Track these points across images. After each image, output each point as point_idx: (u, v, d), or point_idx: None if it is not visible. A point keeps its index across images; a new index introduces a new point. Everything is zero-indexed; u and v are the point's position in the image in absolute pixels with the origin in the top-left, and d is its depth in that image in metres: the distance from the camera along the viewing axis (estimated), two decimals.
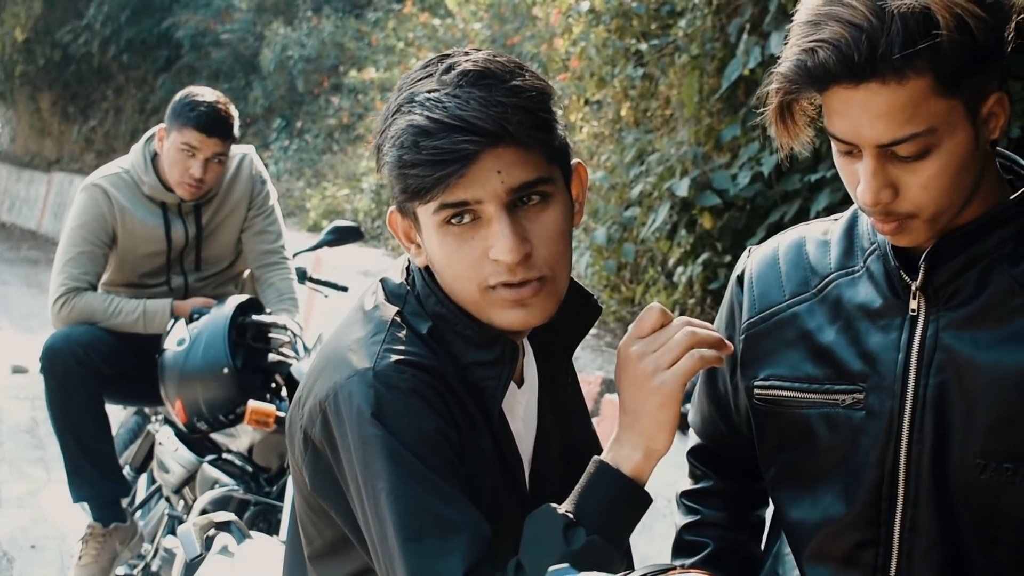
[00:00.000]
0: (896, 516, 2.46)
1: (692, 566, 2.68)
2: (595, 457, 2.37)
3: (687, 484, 2.87)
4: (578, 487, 2.34)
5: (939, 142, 2.27)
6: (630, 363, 2.32)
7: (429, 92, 2.33)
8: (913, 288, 2.44)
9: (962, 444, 2.41)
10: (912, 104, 2.23)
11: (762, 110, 2.43)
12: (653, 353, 2.30)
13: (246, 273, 6.44)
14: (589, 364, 8.72)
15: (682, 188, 8.65)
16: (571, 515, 2.30)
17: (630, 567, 2.42)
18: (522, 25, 14.59)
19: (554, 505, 2.32)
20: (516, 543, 2.32)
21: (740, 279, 2.68)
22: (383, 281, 2.55)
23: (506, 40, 15.05)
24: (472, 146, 2.28)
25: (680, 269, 8.97)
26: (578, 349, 2.70)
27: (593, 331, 10.55)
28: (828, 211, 6.31)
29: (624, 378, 2.34)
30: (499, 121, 2.30)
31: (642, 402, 2.32)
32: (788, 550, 2.62)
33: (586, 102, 11.50)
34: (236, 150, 6.26)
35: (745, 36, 8.15)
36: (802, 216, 7.40)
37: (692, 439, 2.84)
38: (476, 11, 16.09)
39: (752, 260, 2.68)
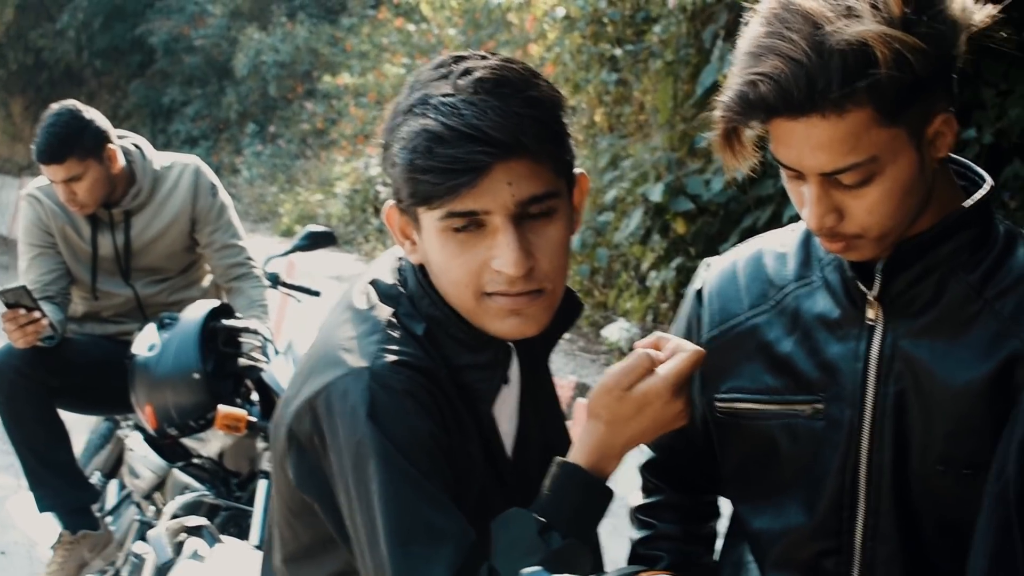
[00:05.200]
0: (857, 524, 2.46)
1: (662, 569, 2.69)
2: (561, 459, 2.37)
3: (640, 499, 2.84)
4: (548, 488, 2.34)
5: (882, 169, 2.26)
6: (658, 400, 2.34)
7: (444, 96, 2.29)
8: (870, 298, 2.43)
9: (922, 451, 2.40)
10: (853, 136, 2.22)
11: (708, 135, 2.42)
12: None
13: (206, 280, 6.39)
14: (562, 368, 8.77)
15: (656, 193, 8.71)
16: (545, 518, 2.30)
17: (599, 567, 2.44)
18: (497, 31, 14.65)
19: (522, 509, 2.32)
20: None
21: (699, 294, 2.66)
22: (375, 282, 2.51)
23: (480, 45, 15.05)
24: (486, 157, 2.25)
25: (653, 274, 9.03)
26: (552, 354, 2.70)
27: (567, 335, 10.60)
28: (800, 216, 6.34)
29: (618, 407, 2.35)
30: (514, 133, 2.27)
31: (643, 421, 2.35)
32: (751, 558, 2.61)
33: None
34: (178, 160, 6.19)
35: (720, 42, 8.21)
36: (775, 221, 7.45)
37: (645, 453, 2.83)
38: (451, 17, 16.16)
39: (711, 274, 2.67)
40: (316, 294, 6.66)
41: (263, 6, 23.87)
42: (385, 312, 2.44)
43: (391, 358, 2.35)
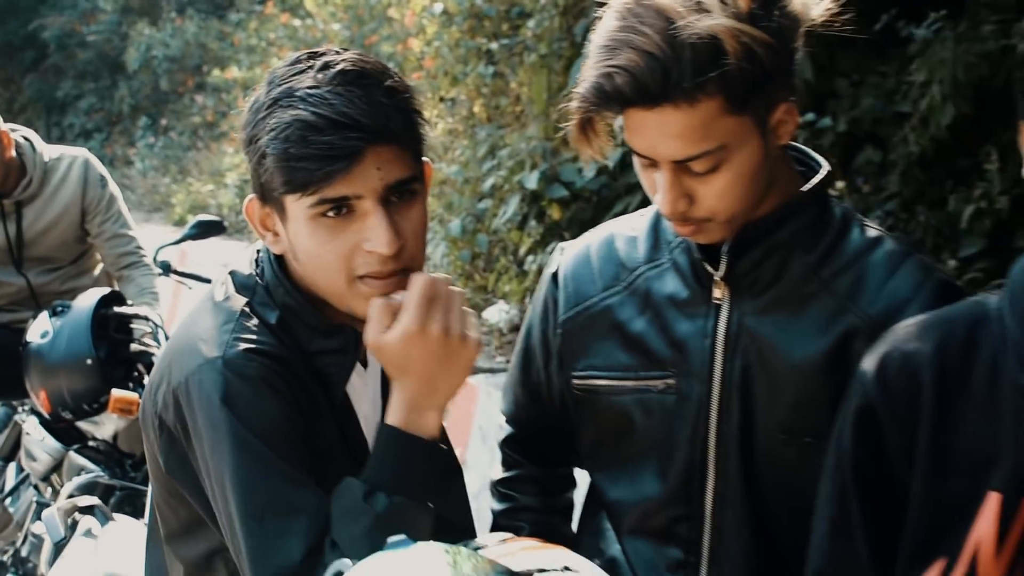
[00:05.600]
0: (707, 492, 2.51)
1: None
2: (385, 424, 2.37)
3: (500, 472, 2.88)
4: (373, 454, 2.36)
5: (730, 156, 2.30)
6: (426, 342, 2.31)
7: (311, 88, 2.30)
8: (716, 278, 2.48)
9: (766, 422, 2.46)
10: (704, 124, 2.26)
11: (565, 124, 2.44)
12: (438, 326, 2.32)
13: (98, 269, 6.36)
14: None
15: (532, 181, 8.75)
16: (369, 482, 2.31)
17: (471, 535, 2.46)
18: (379, 26, 14.60)
19: (350, 478, 2.34)
20: None
21: (554, 276, 2.70)
22: (232, 273, 2.54)
23: (364, 40, 15.00)
24: (359, 143, 2.27)
25: (531, 258, 9.06)
26: None
27: None
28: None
29: (420, 357, 2.33)
30: (383, 120, 2.30)
31: (445, 371, 2.34)
32: (608, 526, 2.65)
33: (441, 100, 11.55)
34: (68, 153, 6.16)
35: (591, 36, 8.24)
36: (644, 206, 7.47)
37: (505, 429, 2.87)
38: (335, 12, 16.06)
39: (565, 258, 2.71)
40: (207, 281, 6.60)
41: (153, 2, 23.64)
42: (239, 302, 2.46)
43: (243, 346, 2.37)
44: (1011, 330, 2.03)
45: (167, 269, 6.38)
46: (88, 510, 3.70)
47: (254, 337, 2.40)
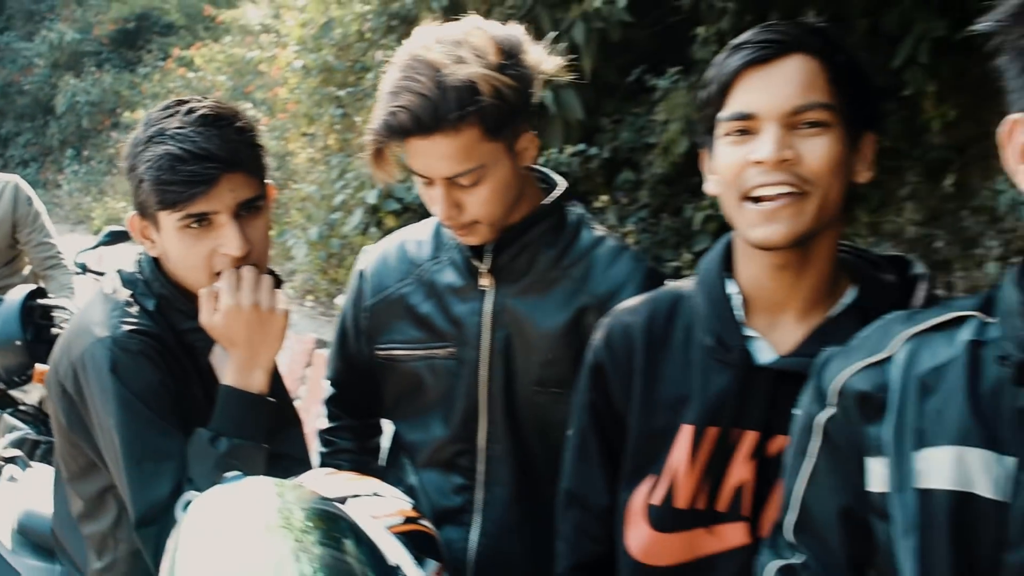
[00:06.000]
0: (480, 432, 2.52)
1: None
2: (222, 384, 2.43)
3: (325, 424, 2.87)
4: (216, 408, 2.41)
5: (488, 173, 2.32)
6: (239, 316, 2.39)
7: (178, 128, 2.33)
8: (483, 270, 2.50)
9: (523, 377, 2.48)
10: (466, 148, 2.27)
11: (362, 155, 2.47)
12: (246, 302, 2.38)
13: (26, 269, 6.26)
14: (306, 327, 8.70)
15: (372, 197, 8.76)
16: (213, 430, 2.37)
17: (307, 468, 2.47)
18: (254, 78, 14.40)
19: (200, 428, 2.38)
20: None
21: (361, 273, 2.70)
22: (119, 271, 2.55)
23: (244, 89, 14.84)
24: (216, 171, 2.31)
25: None
26: (295, 315, 2.74)
27: (309, 302, 10.64)
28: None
29: (239, 328, 2.40)
30: (234, 153, 2.35)
31: (260, 338, 2.42)
32: (407, 462, 2.64)
33: (303, 134, 11.46)
34: (2, 178, 6.07)
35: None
36: None
37: (328, 390, 2.86)
38: (220, 67, 15.81)
39: (369, 258, 2.71)
40: None
41: (77, 58, 23.13)
42: (124, 294, 2.48)
43: (127, 328, 2.39)
44: (699, 306, 2.09)
45: (84, 269, 6.27)
46: (11, 460, 3.63)
47: (135, 320, 2.42)
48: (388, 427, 2.80)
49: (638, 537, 2.09)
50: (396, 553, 1.84)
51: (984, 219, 5.95)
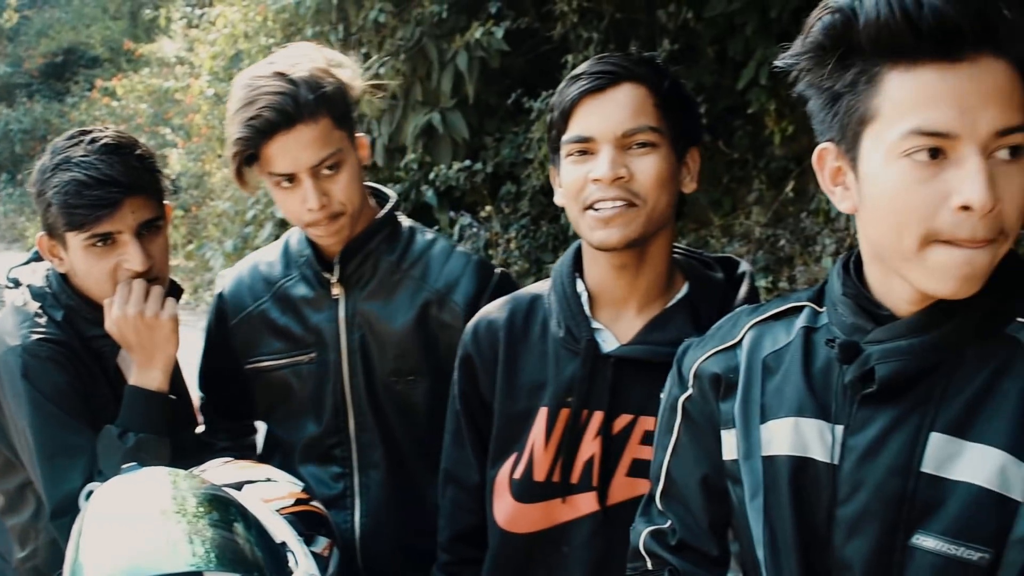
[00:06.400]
0: (350, 424, 2.52)
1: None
2: (127, 384, 2.42)
3: (201, 430, 2.79)
4: (122, 406, 2.40)
5: (345, 158, 2.35)
6: (127, 323, 2.38)
7: (83, 156, 2.34)
8: (333, 281, 2.51)
9: (381, 370, 2.50)
10: (325, 135, 2.30)
11: (228, 169, 2.46)
12: (132, 310, 2.38)
13: None
14: None
15: (280, 212, 8.65)
16: (120, 426, 2.36)
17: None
18: (172, 105, 14.18)
19: (109, 425, 2.37)
20: None
21: (221, 295, 2.67)
22: (29, 286, 2.53)
23: (164, 115, 14.63)
24: (119, 195, 2.33)
25: None
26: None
27: None
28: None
29: (129, 334, 2.39)
30: (134, 178, 2.36)
31: (152, 343, 2.41)
32: (284, 458, 2.59)
33: (218, 156, 11.32)
34: None
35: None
36: None
37: (201, 399, 2.79)
38: (141, 96, 15.53)
39: (226, 282, 2.69)
40: None
41: (10, 90, 22.67)
42: (34, 306, 2.47)
43: (36, 337, 2.39)
44: (552, 303, 2.13)
45: (16, 283, 6.11)
46: None
47: (44, 330, 2.41)
48: (262, 427, 2.78)
49: (503, 508, 2.12)
50: (282, 532, 1.85)
51: (820, 221, 6.10)
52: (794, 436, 1.58)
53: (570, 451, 2.03)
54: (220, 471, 2.15)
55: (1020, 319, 1.48)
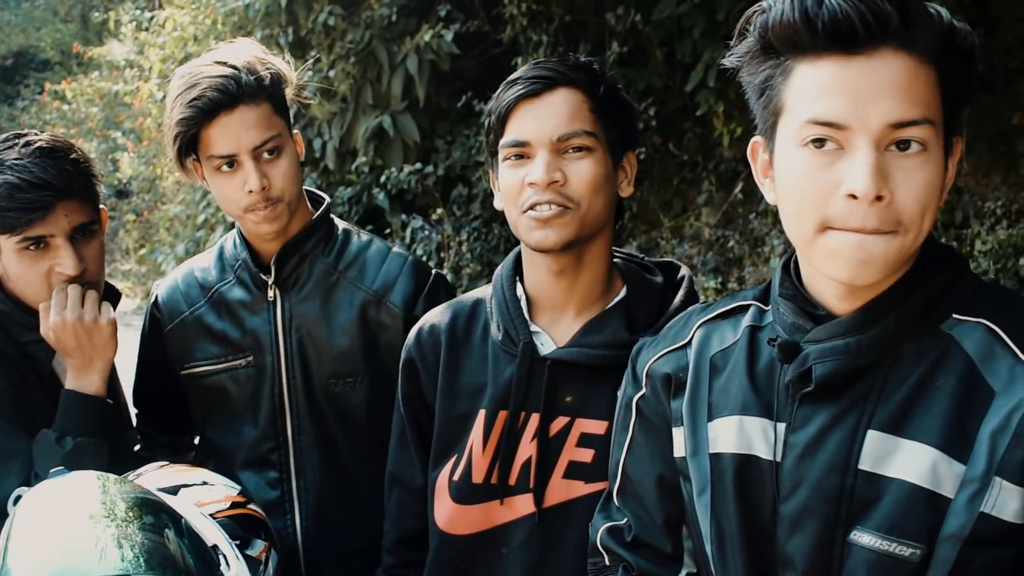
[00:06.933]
0: (287, 427, 2.51)
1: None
2: (63, 389, 2.39)
3: (139, 444, 2.76)
4: (59, 411, 2.36)
5: (285, 144, 2.36)
6: (65, 328, 2.35)
7: (16, 160, 2.32)
8: (269, 283, 2.50)
9: (319, 373, 2.50)
10: (267, 117, 2.32)
11: (170, 158, 2.44)
12: (70, 316, 2.35)
13: None
14: None
15: (230, 216, 8.63)
16: (58, 430, 2.33)
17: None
18: (124, 109, 14.08)
19: (47, 429, 2.33)
20: None
21: (156, 303, 2.65)
22: None
23: (115, 119, 14.53)
24: (52, 199, 2.31)
25: None
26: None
27: None
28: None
29: (68, 339, 2.36)
30: (68, 182, 2.34)
31: (90, 347, 2.38)
32: (215, 468, 2.56)
33: (169, 160, 11.24)
34: None
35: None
36: None
37: (138, 413, 2.77)
38: (92, 99, 15.40)
39: (161, 290, 2.67)
40: None
41: None
42: None
43: None
44: (492, 307, 2.14)
45: None
46: None
47: None
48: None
49: (443, 510, 2.12)
50: (214, 535, 1.84)
51: (769, 221, 6.14)
52: (739, 434, 1.60)
53: (507, 453, 2.03)
54: (156, 475, 2.13)
55: (956, 315, 1.50)
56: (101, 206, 2.48)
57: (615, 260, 2.14)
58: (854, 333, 1.51)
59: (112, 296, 2.54)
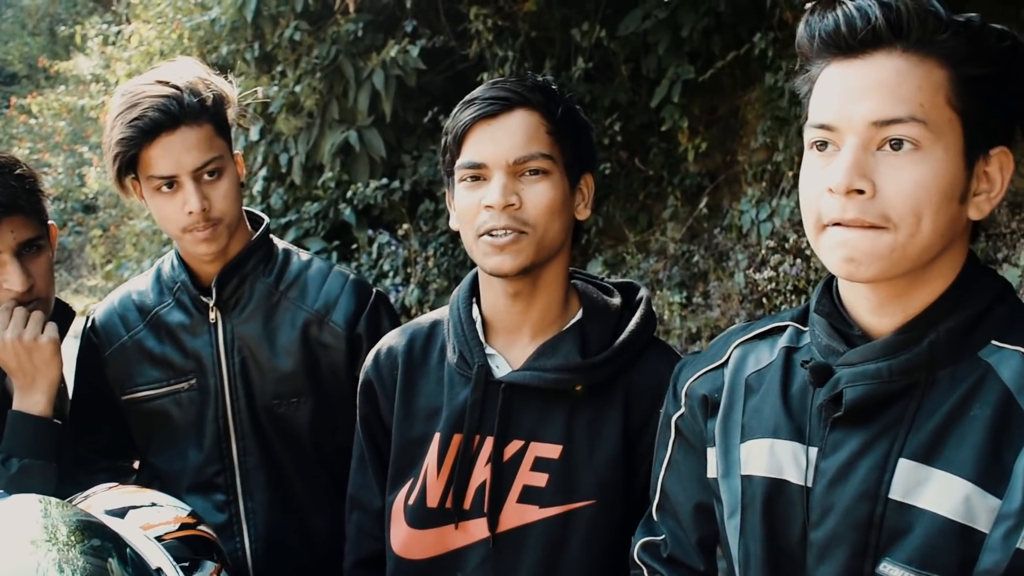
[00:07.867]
0: (233, 449, 2.49)
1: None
2: (10, 409, 2.35)
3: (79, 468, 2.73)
4: (6, 432, 2.32)
5: (225, 166, 2.34)
6: (5, 348, 2.32)
7: None
8: (211, 305, 2.48)
9: (263, 394, 2.47)
10: (208, 139, 2.30)
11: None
12: (10, 335, 2.32)
13: None
14: None
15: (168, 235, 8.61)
16: (4, 452, 2.29)
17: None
18: (91, 123, 13.99)
19: None
20: None
21: (93, 328, 2.61)
22: None
23: (83, 133, 14.44)
24: None
25: None
26: None
27: None
28: (295, 244, 6.28)
29: (8, 359, 2.33)
30: (13, 197, 2.31)
31: (32, 366, 2.34)
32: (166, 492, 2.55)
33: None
34: None
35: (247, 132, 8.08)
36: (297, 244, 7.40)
37: (77, 438, 2.69)
38: (59, 113, 15.30)
39: (97, 315, 2.61)
40: None
41: None
42: None
43: None
44: (449, 330, 2.13)
45: None
46: None
47: None
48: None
49: (398, 534, 2.09)
50: (158, 558, 1.80)
51: (733, 236, 6.14)
52: (770, 458, 1.59)
53: (462, 477, 2.01)
54: (105, 496, 2.09)
55: (995, 342, 1.47)
56: (50, 221, 2.45)
57: (573, 281, 2.12)
58: (887, 357, 1.49)
59: (65, 314, 2.51)
